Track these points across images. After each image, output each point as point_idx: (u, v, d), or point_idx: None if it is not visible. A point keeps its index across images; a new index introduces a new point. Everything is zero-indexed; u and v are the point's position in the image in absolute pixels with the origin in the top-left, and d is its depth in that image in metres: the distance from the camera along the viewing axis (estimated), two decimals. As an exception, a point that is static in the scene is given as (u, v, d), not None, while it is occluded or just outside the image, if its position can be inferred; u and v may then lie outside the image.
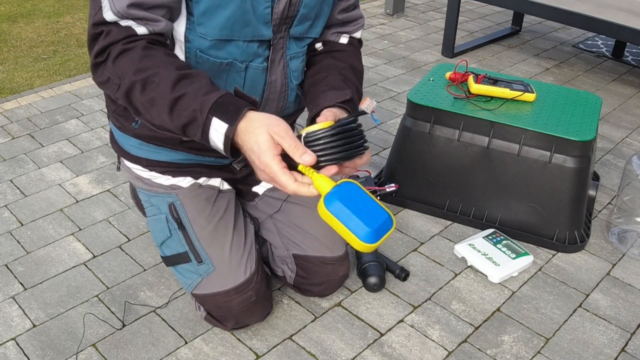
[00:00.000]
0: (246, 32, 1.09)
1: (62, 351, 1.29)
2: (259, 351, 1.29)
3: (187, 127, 0.95)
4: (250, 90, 1.17)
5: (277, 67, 1.18)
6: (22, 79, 2.60)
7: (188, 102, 0.93)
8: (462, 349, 1.31)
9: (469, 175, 1.65)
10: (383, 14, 3.44)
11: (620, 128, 2.24)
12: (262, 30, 1.10)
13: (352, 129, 0.98)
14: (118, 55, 0.98)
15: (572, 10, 2.38)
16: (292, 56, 1.20)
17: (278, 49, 1.16)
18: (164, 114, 0.96)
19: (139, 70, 0.96)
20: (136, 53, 0.97)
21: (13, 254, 1.57)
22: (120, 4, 0.98)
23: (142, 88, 0.96)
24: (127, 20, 0.99)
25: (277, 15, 1.10)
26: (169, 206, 1.28)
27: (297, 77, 1.23)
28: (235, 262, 1.24)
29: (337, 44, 1.27)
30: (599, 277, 1.52)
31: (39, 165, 1.95)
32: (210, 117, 0.91)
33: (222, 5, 1.03)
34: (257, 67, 1.15)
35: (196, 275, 1.25)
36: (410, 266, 1.54)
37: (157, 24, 1.01)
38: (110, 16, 0.98)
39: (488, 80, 1.66)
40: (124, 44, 0.98)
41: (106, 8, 0.98)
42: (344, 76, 1.19)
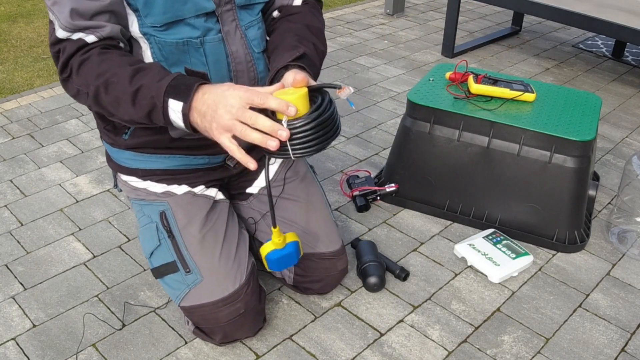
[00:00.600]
0: (188, 8, 1.11)
1: (62, 351, 1.29)
2: (259, 351, 1.29)
3: (151, 115, 1.02)
4: (215, 65, 1.18)
5: (235, 38, 1.19)
6: (22, 79, 2.60)
7: (145, 91, 1.01)
8: (462, 349, 1.31)
9: (469, 175, 1.65)
10: (383, 14, 3.44)
11: (620, 128, 2.24)
12: (202, 3, 1.12)
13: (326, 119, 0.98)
14: (79, 67, 1.05)
15: (572, 10, 2.38)
16: (246, 26, 1.21)
17: (229, 21, 1.18)
18: (129, 108, 1.03)
19: (99, 75, 1.03)
20: (93, 60, 1.05)
21: (13, 254, 1.57)
22: (64, 17, 1.04)
23: (105, 90, 1.03)
24: (76, 33, 1.05)
25: None
26: (160, 215, 1.27)
27: (258, 45, 1.24)
28: (224, 272, 1.22)
29: (292, 7, 1.27)
30: (599, 277, 1.52)
31: (39, 165, 1.95)
32: (166, 100, 0.99)
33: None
34: (212, 40, 1.16)
35: (184, 285, 1.23)
36: (410, 266, 1.54)
37: (103, 29, 1.06)
38: (62, 33, 1.05)
39: (488, 80, 1.66)
40: (81, 54, 1.05)
41: (57, 27, 1.06)
42: (298, 36, 1.19)
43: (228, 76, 1.20)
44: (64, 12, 1.03)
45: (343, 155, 2.03)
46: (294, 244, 1.17)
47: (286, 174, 1.39)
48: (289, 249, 1.17)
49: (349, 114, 2.29)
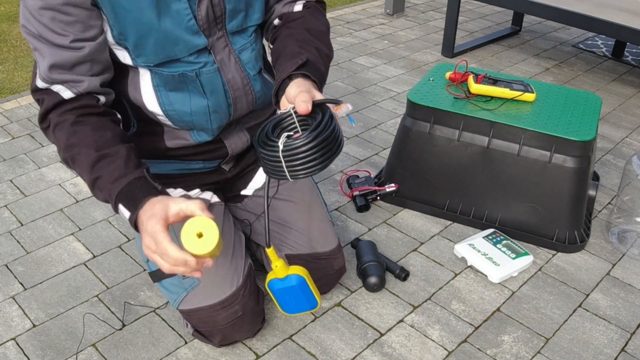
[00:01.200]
0: (180, 49, 1.10)
1: (62, 351, 1.29)
2: (259, 351, 1.29)
3: (107, 202, 1.06)
4: (212, 94, 1.18)
5: (229, 65, 1.18)
6: (22, 79, 2.60)
7: (101, 185, 1.03)
8: (462, 349, 1.31)
9: (469, 175, 1.65)
10: (383, 14, 3.44)
11: (620, 128, 2.24)
12: (194, 41, 1.10)
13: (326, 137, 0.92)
14: (54, 128, 1.06)
15: (572, 10, 2.38)
16: (240, 49, 1.19)
17: (222, 49, 1.16)
18: (89, 187, 1.07)
19: (67, 147, 1.05)
20: (65, 128, 1.05)
21: (13, 254, 1.57)
22: (43, 70, 1.04)
23: (72, 163, 1.06)
24: (55, 85, 1.05)
25: (203, 21, 1.10)
26: None
27: (253, 67, 1.22)
28: (221, 275, 1.22)
29: (293, 13, 1.23)
30: (599, 277, 1.52)
31: (39, 165, 1.95)
32: (117, 203, 1.02)
33: (145, 35, 1.06)
34: (207, 72, 1.15)
35: (181, 289, 1.23)
36: (410, 266, 1.54)
37: (80, 85, 1.05)
38: (40, 83, 1.05)
39: (488, 80, 1.66)
40: (58, 114, 1.06)
41: (37, 75, 1.06)
42: (299, 41, 1.15)
43: (226, 102, 1.20)
44: (43, 64, 1.03)
45: (343, 155, 2.03)
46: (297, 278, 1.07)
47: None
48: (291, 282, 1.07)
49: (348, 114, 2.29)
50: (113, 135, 1.06)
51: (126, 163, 1.03)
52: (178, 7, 1.06)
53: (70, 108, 1.06)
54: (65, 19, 1.00)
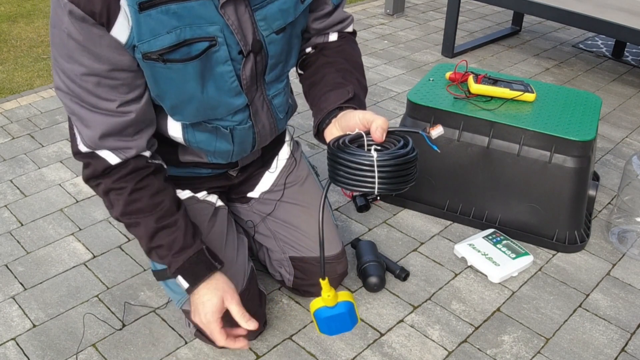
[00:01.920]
0: (219, 112, 1.09)
1: (62, 351, 1.29)
2: (259, 351, 1.29)
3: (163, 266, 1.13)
4: (240, 145, 1.18)
5: (262, 113, 1.17)
6: (22, 79, 2.60)
7: (161, 253, 1.08)
8: (462, 349, 1.31)
9: (469, 175, 1.65)
10: (383, 14, 3.44)
11: (620, 128, 2.24)
12: (234, 102, 1.09)
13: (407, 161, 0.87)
14: (108, 192, 1.06)
15: (572, 10, 2.38)
16: (273, 95, 1.18)
17: (257, 98, 1.14)
18: (145, 252, 1.12)
19: (124, 214, 1.07)
20: (123, 195, 1.05)
21: (13, 254, 1.57)
22: (90, 137, 1.00)
23: (128, 227, 1.09)
24: (101, 151, 1.02)
25: (247, 80, 1.08)
26: None
27: (282, 110, 1.22)
28: None
29: (328, 43, 1.20)
30: (599, 277, 1.52)
31: (39, 165, 1.95)
32: (176, 274, 1.09)
33: (185, 101, 1.04)
34: (242, 129, 1.15)
35: None
36: (410, 266, 1.54)
37: (129, 151, 1.03)
38: (84, 148, 1.03)
39: (488, 80, 1.66)
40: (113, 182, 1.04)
41: (79, 141, 1.02)
42: (342, 72, 1.13)
43: (251, 145, 1.21)
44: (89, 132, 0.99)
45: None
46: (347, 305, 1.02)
47: (287, 179, 1.39)
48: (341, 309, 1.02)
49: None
50: (170, 204, 1.09)
51: (185, 235, 1.08)
52: (222, 69, 1.03)
53: (123, 174, 1.04)
54: (111, 83, 0.96)
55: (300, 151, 1.45)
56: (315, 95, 1.11)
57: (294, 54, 1.17)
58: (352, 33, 1.25)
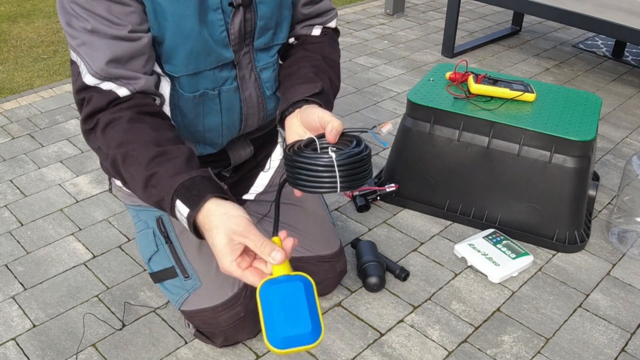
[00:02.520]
0: (210, 60, 1.08)
1: (62, 351, 1.29)
2: (259, 351, 1.29)
3: (159, 204, 0.94)
4: (227, 111, 1.17)
5: (249, 82, 1.17)
6: (22, 79, 2.60)
7: (157, 181, 0.93)
8: (462, 349, 1.31)
9: (469, 175, 1.65)
10: (383, 14, 3.44)
11: (620, 128, 2.24)
12: (224, 54, 1.09)
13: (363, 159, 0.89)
14: (106, 126, 0.98)
15: (572, 10, 2.38)
16: (262, 68, 1.18)
17: (245, 65, 1.15)
18: (139, 190, 0.95)
19: (121, 144, 0.96)
20: (122, 126, 0.97)
21: (13, 254, 1.57)
22: (98, 63, 0.96)
23: (123, 162, 0.96)
24: (107, 83, 0.97)
25: (235, 35, 1.09)
26: (156, 220, 1.26)
27: (270, 87, 1.22)
28: (223, 277, 1.21)
29: (310, 36, 1.23)
30: (599, 277, 1.52)
31: (39, 165, 1.95)
32: (174, 199, 0.90)
33: (180, 42, 1.04)
34: (228, 90, 1.15)
35: (183, 290, 1.23)
36: (410, 266, 1.54)
37: (137, 81, 0.99)
38: (91, 80, 0.97)
39: (488, 80, 1.66)
40: (112, 112, 0.97)
41: (84, 72, 0.97)
42: (315, 67, 1.15)
43: (239, 118, 1.20)
44: (97, 58, 0.96)
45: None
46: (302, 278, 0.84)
47: (281, 179, 1.39)
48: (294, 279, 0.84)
49: (349, 114, 2.29)
50: (174, 136, 1.00)
51: (188, 162, 0.95)
52: (213, 17, 1.04)
53: (127, 106, 0.98)
54: (122, 9, 0.96)
55: None
56: (286, 85, 1.14)
57: (284, 27, 1.17)
58: (335, 31, 1.28)
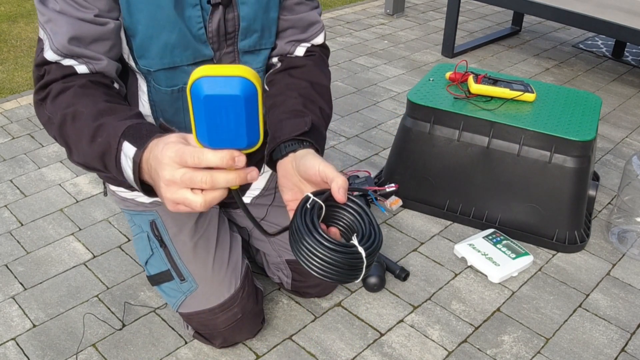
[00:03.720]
0: (187, 55, 1.06)
1: (62, 351, 1.29)
2: (259, 351, 1.29)
3: (104, 157, 0.87)
4: None
5: None
6: (22, 79, 2.60)
7: (105, 129, 0.87)
8: (462, 349, 1.31)
9: (469, 175, 1.65)
10: (383, 14, 3.44)
11: (620, 128, 2.24)
12: (202, 50, 1.07)
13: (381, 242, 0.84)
14: (57, 94, 0.95)
15: (572, 10, 2.38)
16: None
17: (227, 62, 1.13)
18: (86, 145, 0.89)
19: (70, 104, 0.93)
20: (73, 90, 0.94)
21: (13, 254, 1.57)
22: (59, 40, 0.95)
23: (72, 120, 0.92)
24: (68, 59, 0.96)
25: (213, 33, 1.07)
26: (150, 224, 1.26)
27: None
28: (219, 278, 1.22)
29: (295, 58, 1.16)
30: (599, 277, 1.52)
31: (39, 165, 1.95)
32: (121, 141, 0.83)
33: (155, 34, 1.02)
34: None
35: (180, 293, 1.23)
36: (410, 266, 1.54)
37: (98, 62, 0.98)
38: (51, 55, 0.96)
39: (488, 80, 1.66)
40: (64, 82, 0.96)
41: (47, 47, 0.96)
42: (303, 97, 1.08)
43: None
44: (59, 34, 0.95)
45: (343, 155, 2.03)
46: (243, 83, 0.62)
47: (277, 183, 1.39)
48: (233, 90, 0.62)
49: (349, 114, 2.29)
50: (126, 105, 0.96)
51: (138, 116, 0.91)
52: (191, 13, 1.03)
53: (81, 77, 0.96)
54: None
55: None
56: (272, 119, 1.06)
57: (272, 32, 1.14)
58: (323, 48, 1.21)
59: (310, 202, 0.84)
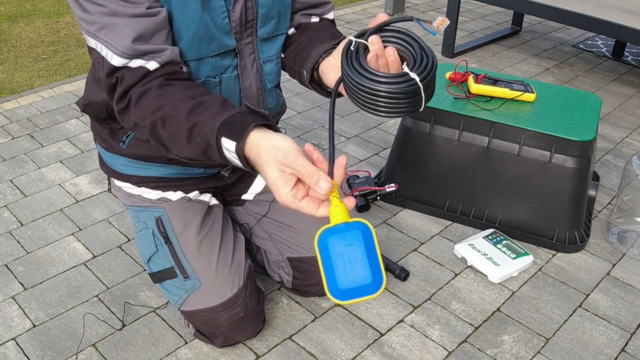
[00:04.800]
0: (212, 47, 1.09)
1: (62, 351, 1.29)
2: (259, 351, 1.29)
3: (206, 152, 0.94)
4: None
5: (250, 72, 1.17)
6: (22, 79, 2.60)
7: (200, 128, 0.92)
8: (462, 349, 1.31)
9: (469, 175, 1.65)
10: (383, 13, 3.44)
11: (620, 128, 2.24)
12: (226, 41, 1.10)
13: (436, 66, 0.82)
14: (138, 98, 0.98)
15: (572, 10, 2.38)
16: (265, 59, 1.19)
17: (248, 54, 1.15)
18: (184, 145, 0.95)
19: (157, 109, 0.96)
20: (153, 92, 0.98)
21: (13, 254, 1.57)
22: (122, 43, 0.97)
23: (162, 124, 0.96)
24: (135, 60, 0.98)
25: (236, 22, 1.10)
26: (156, 221, 1.26)
27: (272, 80, 1.22)
28: (222, 277, 1.22)
29: (310, 23, 1.23)
30: (599, 277, 1.52)
31: (39, 165, 1.95)
32: (219, 138, 0.89)
33: (184, 27, 1.04)
34: (229, 78, 1.15)
35: (183, 291, 1.23)
36: (410, 266, 1.54)
37: (163, 53, 1.00)
38: (118, 61, 0.98)
39: (488, 80, 1.66)
40: (142, 85, 0.98)
41: (110, 56, 0.98)
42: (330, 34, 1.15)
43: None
44: (121, 38, 0.97)
45: (343, 155, 2.03)
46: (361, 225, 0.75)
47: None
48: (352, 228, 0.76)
49: (348, 114, 2.29)
50: (205, 90, 1.00)
51: (224, 104, 0.95)
52: (215, 4, 1.06)
53: (156, 76, 0.99)
54: None
55: None
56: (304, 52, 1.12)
57: (287, 17, 1.19)
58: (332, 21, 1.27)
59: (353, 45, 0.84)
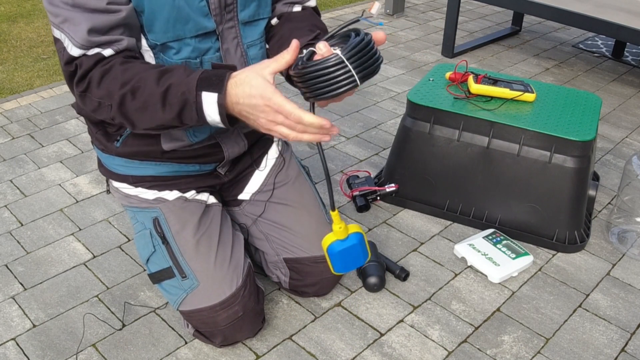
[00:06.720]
0: (189, 28, 1.10)
1: (62, 351, 1.29)
2: (259, 351, 1.29)
3: (182, 113, 0.99)
4: None
5: (234, 57, 1.18)
6: (22, 79, 2.60)
7: (175, 89, 0.97)
8: (462, 349, 1.31)
9: (469, 175, 1.65)
10: (383, 14, 3.44)
11: (620, 128, 2.24)
12: (203, 22, 1.11)
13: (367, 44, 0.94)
14: (101, 78, 1.02)
15: (572, 10, 2.38)
16: (249, 44, 1.20)
17: (230, 39, 1.16)
18: (158, 110, 1.00)
19: (125, 83, 1.00)
20: (116, 69, 1.02)
21: (13, 254, 1.57)
22: (79, 35, 1.01)
23: (132, 96, 1.00)
24: (93, 49, 1.02)
25: (215, 5, 1.11)
26: (153, 221, 1.26)
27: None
28: (220, 276, 1.22)
29: (292, 12, 1.25)
30: (599, 277, 1.52)
31: (39, 165, 1.95)
32: (199, 94, 0.95)
33: (157, 10, 1.06)
34: (210, 59, 1.15)
35: (181, 290, 1.23)
36: (410, 266, 1.54)
37: (120, 43, 1.04)
38: (76, 51, 1.02)
39: (488, 80, 1.66)
40: (101, 66, 1.02)
41: (70, 46, 1.02)
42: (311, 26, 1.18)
43: None
44: (79, 31, 1.00)
45: (343, 155, 2.03)
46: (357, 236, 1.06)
47: (276, 179, 1.39)
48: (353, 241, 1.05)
49: (348, 114, 2.29)
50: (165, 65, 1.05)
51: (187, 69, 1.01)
52: None
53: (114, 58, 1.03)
54: None
55: (290, 151, 1.45)
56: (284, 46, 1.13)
57: (268, 1, 1.20)
58: (315, 10, 1.29)
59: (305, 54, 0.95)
